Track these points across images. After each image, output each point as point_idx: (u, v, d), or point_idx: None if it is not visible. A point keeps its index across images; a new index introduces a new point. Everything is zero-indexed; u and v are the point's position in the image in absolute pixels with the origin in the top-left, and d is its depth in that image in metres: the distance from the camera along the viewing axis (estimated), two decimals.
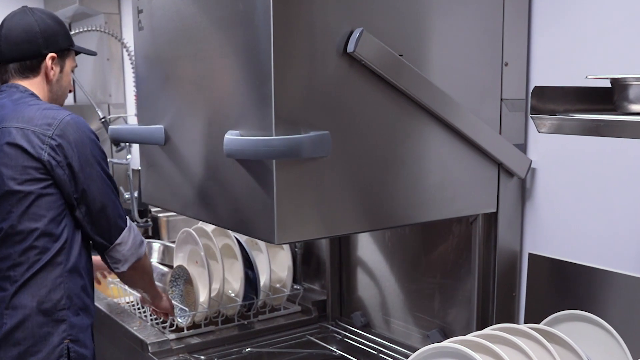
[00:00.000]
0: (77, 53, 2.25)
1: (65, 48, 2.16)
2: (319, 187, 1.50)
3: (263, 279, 2.52)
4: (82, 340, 2.02)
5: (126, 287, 2.53)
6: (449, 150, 1.68)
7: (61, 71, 2.16)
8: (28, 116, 1.96)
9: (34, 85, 2.11)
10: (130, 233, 2.07)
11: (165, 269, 3.00)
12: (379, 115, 1.56)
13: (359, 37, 1.45)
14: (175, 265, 2.56)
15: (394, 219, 1.66)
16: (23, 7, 2.15)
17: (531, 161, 1.82)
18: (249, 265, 2.44)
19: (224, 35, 1.57)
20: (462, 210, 1.76)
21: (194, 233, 2.46)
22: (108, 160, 2.09)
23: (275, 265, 2.62)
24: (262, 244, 2.56)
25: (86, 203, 1.98)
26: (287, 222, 1.46)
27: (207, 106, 1.66)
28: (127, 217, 2.11)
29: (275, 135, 1.41)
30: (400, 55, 1.54)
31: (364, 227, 1.65)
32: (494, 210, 1.81)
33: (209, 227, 2.46)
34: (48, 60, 2.10)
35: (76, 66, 2.25)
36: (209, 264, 2.37)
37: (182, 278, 2.49)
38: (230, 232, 2.43)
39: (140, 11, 1.90)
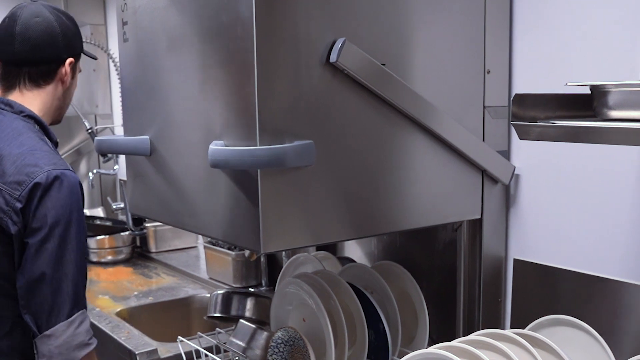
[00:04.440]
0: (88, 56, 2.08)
1: (81, 52, 1.97)
2: (304, 195, 1.50)
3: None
4: None
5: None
6: (433, 158, 1.69)
7: (73, 77, 1.93)
8: (2, 169, 1.68)
9: (42, 95, 1.86)
10: (69, 329, 1.66)
11: (252, 325, 2.00)
12: (363, 124, 1.57)
13: (342, 47, 1.46)
14: (273, 322, 1.99)
15: (380, 226, 1.66)
16: (32, 1, 1.92)
17: (515, 167, 1.84)
18: (374, 318, 1.85)
19: (208, 47, 1.57)
20: (448, 217, 1.77)
21: (320, 281, 1.82)
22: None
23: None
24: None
25: (23, 272, 1.66)
26: (272, 231, 1.46)
27: (192, 117, 1.66)
28: (82, 312, 1.72)
29: (260, 145, 1.41)
30: (383, 64, 1.55)
31: (349, 234, 1.65)
32: (479, 216, 1.82)
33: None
34: (67, 66, 1.89)
35: (80, 71, 2.01)
36: (332, 324, 1.77)
37: (289, 344, 1.83)
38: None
39: (125, 23, 1.90)
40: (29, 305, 1.66)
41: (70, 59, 1.88)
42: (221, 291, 2.10)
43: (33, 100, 1.86)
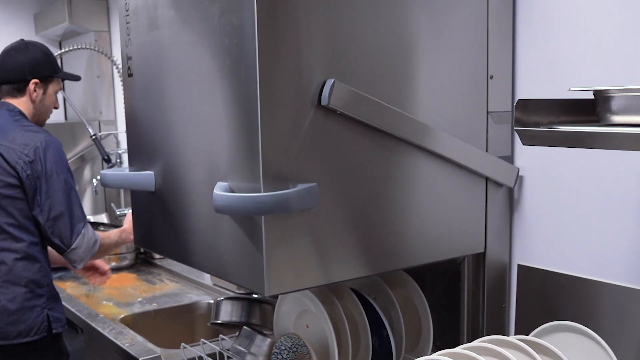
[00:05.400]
0: (63, 79, 2.69)
1: (48, 75, 2.58)
2: (308, 237, 1.51)
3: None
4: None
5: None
6: (436, 178, 1.70)
7: (44, 93, 2.58)
8: (12, 136, 2.43)
9: (21, 103, 2.55)
10: (84, 237, 2.42)
11: (256, 331, 2.00)
12: (365, 159, 1.57)
13: (332, 89, 1.46)
14: (276, 329, 2.02)
15: (390, 262, 1.67)
16: (20, 40, 2.62)
17: (518, 169, 1.83)
18: (378, 325, 1.88)
19: (212, 88, 1.57)
20: (456, 251, 1.80)
21: (324, 287, 1.84)
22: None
23: None
24: None
25: (48, 210, 2.37)
26: (277, 274, 1.47)
27: (197, 155, 1.66)
28: (85, 223, 2.45)
29: (264, 191, 1.42)
30: (385, 102, 1.55)
31: (358, 272, 1.64)
32: (482, 250, 1.84)
33: None
34: (31, 85, 2.54)
35: (61, 89, 2.68)
36: (336, 330, 1.79)
37: (292, 351, 1.85)
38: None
39: (129, 58, 1.91)
40: (55, 232, 2.41)
41: (34, 80, 2.54)
42: (225, 298, 2.10)
43: (18, 105, 2.55)
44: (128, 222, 2.67)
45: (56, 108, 2.69)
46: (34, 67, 2.54)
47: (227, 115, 1.53)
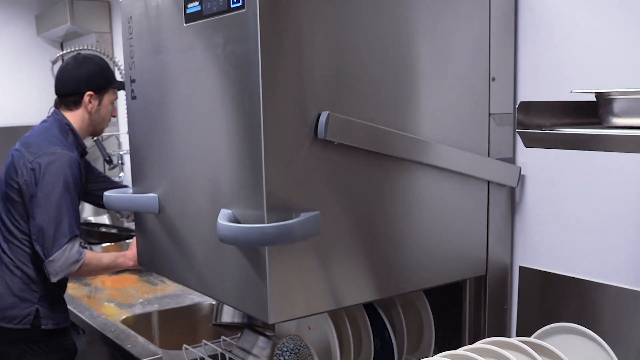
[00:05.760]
0: (119, 88, 2.75)
1: (103, 86, 2.66)
2: (312, 264, 1.52)
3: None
4: None
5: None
6: (440, 193, 1.71)
7: (99, 104, 2.66)
8: (29, 142, 2.57)
9: (75, 115, 2.65)
10: (64, 252, 2.42)
11: (258, 333, 2.01)
12: (367, 183, 1.58)
13: (327, 122, 1.46)
14: (278, 330, 2.05)
15: (398, 285, 1.68)
16: (77, 54, 2.75)
17: (520, 168, 1.84)
18: (379, 327, 1.88)
19: (215, 115, 1.57)
20: (460, 274, 1.81)
21: None
22: None
23: None
24: None
25: (35, 218, 2.45)
26: (281, 302, 1.48)
27: (201, 181, 1.66)
28: (72, 241, 2.44)
29: (267, 221, 1.42)
30: (380, 127, 1.55)
31: (364, 297, 1.65)
32: (484, 273, 1.84)
33: None
34: (86, 97, 2.62)
35: (116, 98, 2.76)
36: (338, 332, 1.81)
37: (294, 352, 1.86)
38: None
39: (133, 81, 1.91)
40: (37, 240, 2.45)
41: (89, 92, 2.62)
42: None
43: (69, 117, 2.64)
44: (131, 248, 2.66)
45: (114, 117, 2.80)
46: (89, 79, 2.63)
47: (230, 143, 1.53)
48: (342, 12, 1.50)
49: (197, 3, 1.58)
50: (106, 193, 2.05)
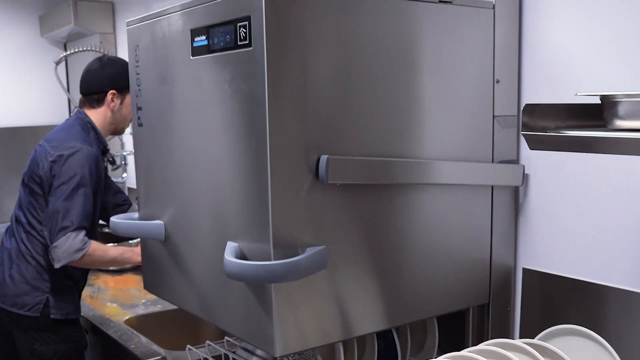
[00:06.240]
0: None
1: (125, 86, 2.57)
2: (318, 297, 1.53)
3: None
4: None
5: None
6: (444, 210, 1.72)
7: (121, 103, 2.74)
8: (51, 138, 2.65)
9: (97, 113, 2.73)
10: (68, 240, 2.47)
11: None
12: (372, 214, 1.59)
13: (327, 166, 1.47)
14: None
15: (404, 314, 1.69)
16: (102, 55, 2.89)
17: (524, 166, 1.84)
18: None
19: (221, 150, 1.58)
20: (460, 304, 1.82)
21: None
22: None
23: None
24: None
25: (49, 204, 2.52)
26: (287, 335, 1.49)
27: (207, 212, 1.67)
28: (78, 230, 2.48)
29: (274, 258, 1.43)
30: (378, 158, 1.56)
31: (372, 328, 1.66)
32: (487, 301, 1.85)
33: None
34: (109, 95, 2.71)
35: None
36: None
37: (298, 353, 1.88)
38: None
39: (139, 108, 1.92)
40: (46, 225, 2.52)
41: (112, 91, 2.71)
42: None
43: (92, 116, 2.73)
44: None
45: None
46: (112, 79, 2.72)
47: (235, 178, 1.54)
48: (346, 50, 1.51)
49: (204, 37, 1.58)
50: (113, 219, 2.07)
